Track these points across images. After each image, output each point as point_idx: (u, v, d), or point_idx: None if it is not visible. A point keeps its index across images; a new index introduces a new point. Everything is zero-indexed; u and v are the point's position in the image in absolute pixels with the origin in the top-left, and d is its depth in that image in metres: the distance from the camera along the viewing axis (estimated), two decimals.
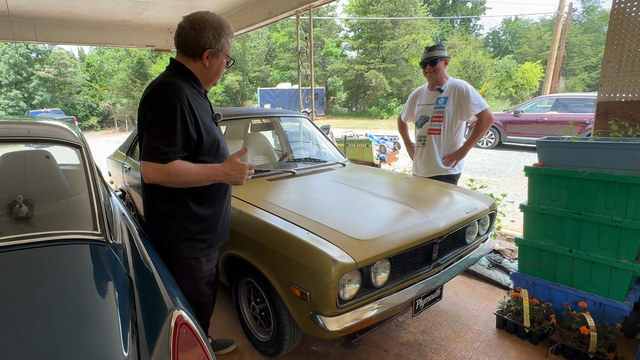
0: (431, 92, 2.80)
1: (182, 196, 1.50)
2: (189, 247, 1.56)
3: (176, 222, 1.53)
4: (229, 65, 1.57)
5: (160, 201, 1.53)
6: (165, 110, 1.35)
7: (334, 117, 25.51)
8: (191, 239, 1.56)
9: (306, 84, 5.07)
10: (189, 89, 1.43)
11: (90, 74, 31.18)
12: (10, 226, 1.34)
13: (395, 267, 1.74)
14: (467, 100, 2.63)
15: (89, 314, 1.05)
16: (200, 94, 1.54)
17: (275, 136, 3.54)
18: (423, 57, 2.73)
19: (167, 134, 1.34)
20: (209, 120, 1.51)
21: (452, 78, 2.75)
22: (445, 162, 2.78)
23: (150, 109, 1.38)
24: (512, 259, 3.06)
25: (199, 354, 1.03)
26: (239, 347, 2.15)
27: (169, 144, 1.34)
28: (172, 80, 1.41)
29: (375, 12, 26.29)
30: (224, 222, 1.69)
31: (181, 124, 1.36)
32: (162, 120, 1.35)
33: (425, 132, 2.80)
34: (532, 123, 9.29)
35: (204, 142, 1.46)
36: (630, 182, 1.86)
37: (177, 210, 1.52)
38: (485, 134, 2.79)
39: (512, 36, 33.78)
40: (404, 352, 2.11)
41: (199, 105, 1.46)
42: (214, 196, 1.59)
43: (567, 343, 1.99)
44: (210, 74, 1.52)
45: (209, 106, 1.59)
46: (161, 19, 6.34)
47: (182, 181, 1.38)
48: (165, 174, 1.34)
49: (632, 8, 2.20)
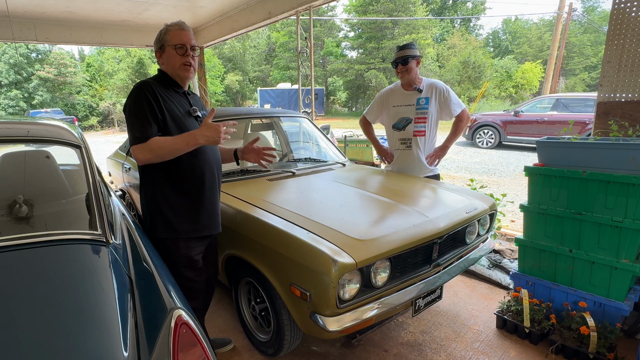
0: (408, 92, 2.72)
1: (160, 182, 1.67)
2: (165, 228, 1.69)
3: (156, 204, 1.69)
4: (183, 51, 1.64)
5: (144, 186, 1.73)
6: (134, 103, 1.57)
7: (334, 117, 25.51)
8: (167, 221, 1.68)
9: (306, 84, 5.07)
10: (160, 84, 1.64)
11: (90, 74, 31.15)
12: (10, 226, 1.34)
13: (395, 267, 1.74)
14: (449, 100, 2.66)
15: (89, 314, 1.05)
16: (177, 92, 1.70)
17: (275, 136, 3.54)
18: (395, 56, 2.67)
19: (140, 118, 1.55)
20: (180, 113, 1.65)
21: (426, 78, 2.73)
22: (429, 162, 2.79)
23: (125, 106, 1.62)
24: (512, 259, 3.06)
25: (199, 354, 1.03)
26: (239, 347, 2.16)
27: (143, 126, 1.54)
28: (142, 80, 1.65)
29: (375, 12, 26.29)
30: (205, 212, 1.74)
31: (149, 109, 1.55)
32: (133, 110, 1.57)
33: (410, 134, 2.72)
34: (532, 123, 9.29)
35: (169, 128, 1.60)
36: (630, 182, 1.86)
37: (155, 195, 1.69)
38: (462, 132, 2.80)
39: (512, 36, 33.78)
40: (404, 352, 2.11)
41: (168, 97, 1.63)
42: (186, 182, 1.68)
43: (567, 343, 1.99)
44: (169, 67, 1.68)
45: (187, 103, 1.73)
46: (161, 19, 6.34)
47: (165, 152, 1.55)
48: (148, 149, 1.53)
49: (632, 8, 2.19)
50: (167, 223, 1.68)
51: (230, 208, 2.03)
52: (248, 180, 2.45)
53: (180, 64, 1.64)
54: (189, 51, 1.65)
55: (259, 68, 33.50)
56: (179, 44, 1.62)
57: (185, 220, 1.70)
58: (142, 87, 1.58)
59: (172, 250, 1.72)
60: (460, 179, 6.61)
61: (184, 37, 1.63)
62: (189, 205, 1.70)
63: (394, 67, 2.68)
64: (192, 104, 1.74)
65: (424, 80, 2.71)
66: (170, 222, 1.68)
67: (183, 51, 1.63)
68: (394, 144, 2.86)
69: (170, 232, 1.69)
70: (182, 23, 1.66)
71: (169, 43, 1.63)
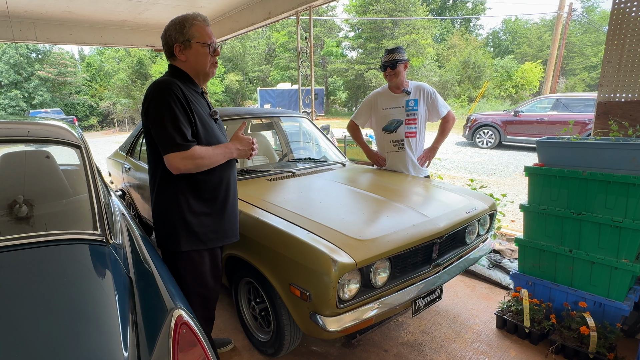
0: (396, 95, 2.74)
1: (184, 191, 1.55)
2: (189, 240, 1.59)
3: (178, 215, 1.57)
4: (215, 51, 1.56)
5: (163, 196, 1.58)
6: (163, 105, 1.44)
7: (334, 117, 25.49)
8: (191, 232, 1.58)
9: (306, 84, 5.07)
10: (182, 84, 1.50)
11: (90, 74, 31.15)
12: (10, 226, 1.34)
13: (395, 267, 1.74)
14: (436, 102, 2.74)
15: (88, 314, 1.05)
16: (197, 92, 1.59)
17: (275, 136, 3.54)
18: (383, 60, 2.70)
19: (174, 124, 1.43)
20: (205, 116, 1.56)
21: (411, 81, 2.78)
22: (420, 163, 2.82)
23: (150, 107, 1.47)
24: (512, 259, 3.06)
25: (199, 354, 1.03)
26: (239, 347, 2.16)
27: (180, 132, 1.43)
28: (164, 78, 1.51)
29: (375, 12, 26.28)
30: (228, 220, 1.69)
31: (182, 112, 1.45)
32: (165, 114, 1.43)
33: (402, 135, 2.74)
34: (532, 123, 9.29)
35: (200, 134, 1.51)
36: (630, 182, 1.86)
37: (178, 205, 1.56)
38: None
39: (512, 36, 33.77)
40: (404, 352, 2.11)
41: (194, 99, 1.53)
42: (213, 191, 1.61)
43: (567, 343, 1.99)
44: (193, 66, 1.55)
45: (206, 104, 1.63)
46: (161, 19, 6.34)
47: (205, 163, 1.48)
48: (191, 158, 1.44)
49: (632, 8, 2.19)
50: (191, 234, 1.58)
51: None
52: (248, 180, 2.45)
53: (211, 64, 1.56)
54: (218, 50, 1.56)
55: (259, 68, 33.48)
56: (210, 42, 1.52)
57: (210, 231, 1.62)
58: (170, 88, 1.45)
59: (199, 263, 1.64)
60: (460, 179, 6.61)
61: (211, 34, 1.54)
62: (214, 215, 1.62)
63: (383, 70, 2.71)
64: (210, 106, 1.66)
65: (410, 83, 2.76)
66: (195, 233, 1.58)
67: (213, 49, 1.54)
68: (385, 147, 2.85)
69: (195, 244, 1.60)
70: (205, 17, 1.55)
71: (198, 40, 1.50)
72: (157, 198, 1.61)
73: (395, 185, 2.45)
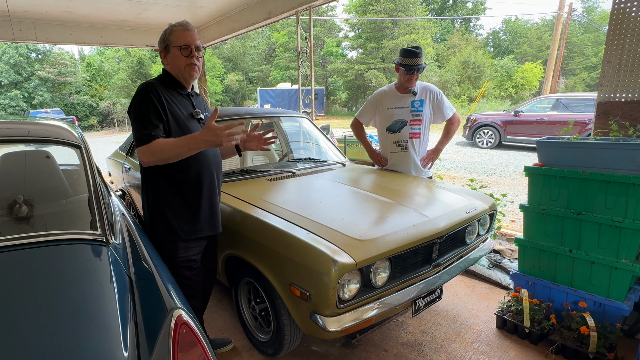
0: (401, 95, 2.70)
1: (161, 184, 1.68)
2: (164, 229, 1.70)
3: (157, 205, 1.70)
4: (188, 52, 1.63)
5: (145, 187, 1.74)
6: (138, 104, 1.58)
7: (334, 117, 25.49)
8: (166, 222, 1.69)
9: (306, 84, 5.07)
10: (164, 86, 1.65)
11: (90, 74, 31.15)
12: (10, 226, 1.34)
13: (395, 267, 1.74)
14: (442, 104, 2.71)
15: (89, 314, 1.05)
16: (180, 93, 1.70)
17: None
18: (408, 61, 2.54)
19: (144, 119, 1.55)
20: (183, 116, 1.66)
21: (418, 81, 2.72)
22: (423, 165, 2.80)
23: (130, 108, 1.63)
24: (512, 259, 3.06)
25: (199, 354, 1.03)
26: (239, 347, 2.16)
27: (146, 127, 1.54)
28: (147, 81, 1.65)
29: (375, 12, 26.27)
30: (204, 214, 1.75)
31: (153, 110, 1.56)
32: (138, 112, 1.57)
33: (406, 136, 2.71)
34: (532, 123, 9.28)
35: (172, 132, 1.60)
36: (630, 182, 1.86)
37: (155, 196, 1.70)
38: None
39: (512, 36, 33.77)
40: (404, 352, 2.11)
41: (172, 99, 1.64)
42: (187, 183, 1.69)
43: (567, 343, 1.99)
44: (173, 68, 1.68)
45: (191, 105, 1.73)
46: (161, 19, 6.34)
47: (167, 155, 1.54)
48: (150, 152, 1.53)
49: (632, 8, 2.19)
50: (166, 224, 1.69)
51: (230, 208, 2.03)
52: (248, 180, 2.45)
53: (185, 65, 1.64)
54: (194, 52, 1.64)
55: (259, 68, 33.48)
56: (183, 45, 1.62)
57: (184, 222, 1.71)
58: (147, 88, 1.59)
59: (171, 251, 1.73)
60: (460, 179, 6.61)
61: (188, 37, 1.63)
62: (187, 207, 1.71)
63: (408, 72, 2.56)
64: (195, 106, 1.74)
65: (417, 83, 2.72)
66: (170, 223, 1.69)
67: (188, 52, 1.63)
68: (388, 147, 2.82)
69: (169, 233, 1.70)
70: (187, 23, 1.65)
71: (174, 44, 1.63)
72: (143, 190, 1.78)
73: (396, 185, 2.45)
